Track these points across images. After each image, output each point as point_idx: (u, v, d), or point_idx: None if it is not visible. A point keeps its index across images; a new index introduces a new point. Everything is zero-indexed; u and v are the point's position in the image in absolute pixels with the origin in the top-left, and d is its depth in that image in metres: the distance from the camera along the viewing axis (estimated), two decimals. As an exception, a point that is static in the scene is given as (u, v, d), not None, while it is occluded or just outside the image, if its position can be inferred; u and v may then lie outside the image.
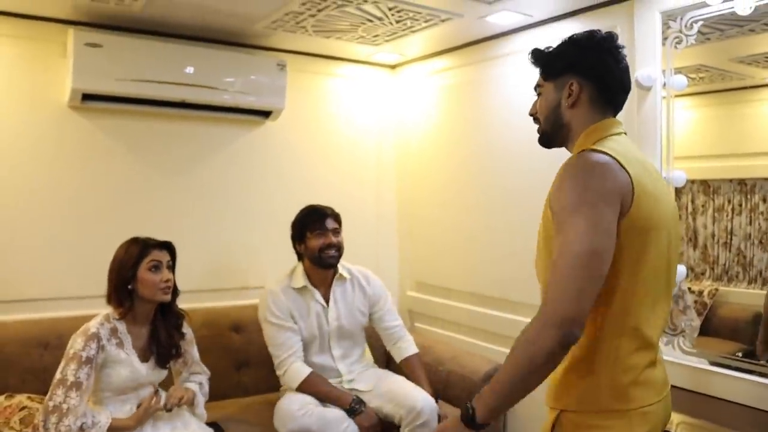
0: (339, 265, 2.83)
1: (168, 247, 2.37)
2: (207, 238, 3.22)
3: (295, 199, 3.37)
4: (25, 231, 2.82)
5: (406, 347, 2.87)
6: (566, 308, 1.27)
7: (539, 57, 1.62)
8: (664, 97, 2.37)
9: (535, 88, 1.65)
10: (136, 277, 2.25)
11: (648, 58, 2.37)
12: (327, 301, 2.81)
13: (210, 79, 3.02)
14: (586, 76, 1.51)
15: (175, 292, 2.39)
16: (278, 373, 2.69)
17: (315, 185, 3.53)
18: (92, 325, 2.20)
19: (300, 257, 2.84)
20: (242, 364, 3.06)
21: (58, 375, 2.13)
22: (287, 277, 2.82)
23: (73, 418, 2.05)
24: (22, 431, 2.27)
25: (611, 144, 1.44)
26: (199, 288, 2.97)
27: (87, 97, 2.81)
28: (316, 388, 2.63)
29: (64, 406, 2.06)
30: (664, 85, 2.36)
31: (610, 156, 1.37)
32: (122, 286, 2.25)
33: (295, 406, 2.55)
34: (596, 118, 1.52)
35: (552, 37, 2.77)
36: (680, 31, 2.31)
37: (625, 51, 1.55)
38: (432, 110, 3.57)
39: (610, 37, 1.54)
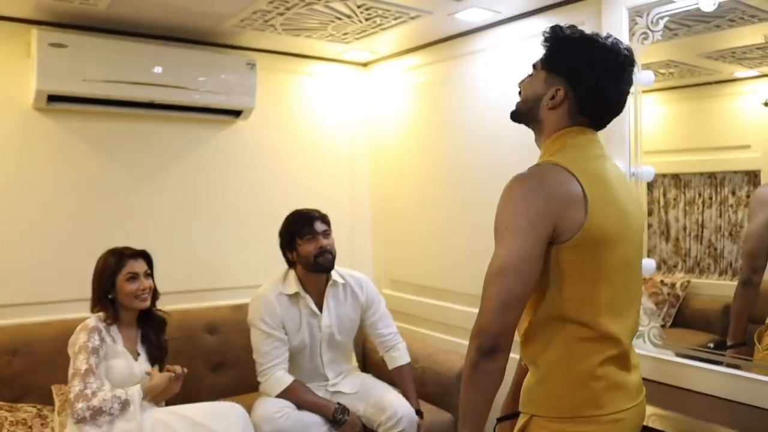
0: (333, 271, 2.75)
1: (144, 255, 2.47)
2: (179, 240, 3.19)
3: (268, 199, 3.36)
4: (-10, 235, 2.76)
5: (398, 356, 2.81)
6: (484, 321, 1.35)
7: (549, 41, 1.54)
8: (631, 93, 2.38)
9: (534, 65, 1.59)
10: (115, 287, 2.37)
11: (616, 55, 2.38)
12: (320, 308, 2.74)
13: (179, 79, 2.98)
14: (577, 90, 1.47)
15: (155, 296, 2.50)
16: (259, 379, 2.65)
17: (287, 184, 3.51)
18: (90, 321, 2.31)
19: (291, 265, 2.77)
20: (217, 366, 3.03)
21: (71, 370, 2.21)
22: (279, 282, 2.74)
23: (102, 395, 2.15)
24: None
25: (572, 153, 1.45)
26: (173, 290, 2.93)
27: (53, 98, 2.76)
28: (298, 397, 2.59)
29: (87, 391, 2.15)
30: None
31: (565, 168, 1.39)
32: (104, 295, 2.37)
33: (272, 408, 2.52)
34: (568, 124, 1.50)
35: (521, 33, 2.80)
36: (647, 27, 2.32)
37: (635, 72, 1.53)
38: (404, 108, 3.57)
39: (627, 60, 1.48)
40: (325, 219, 2.74)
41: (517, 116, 1.61)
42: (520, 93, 1.60)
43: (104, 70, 2.80)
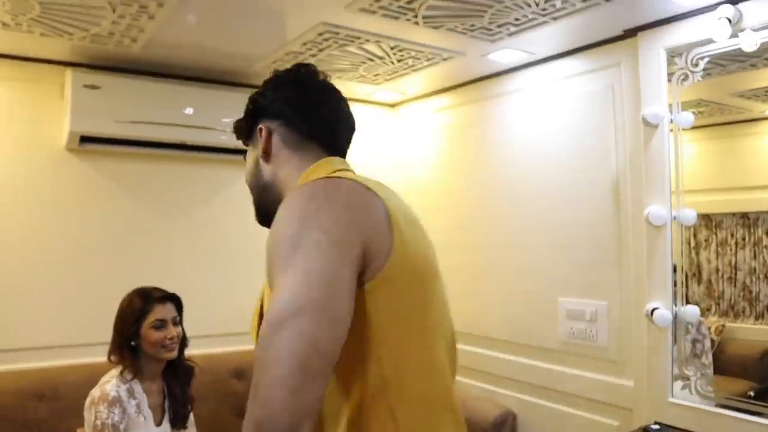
0: None
1: (174, 299, 2.25)
2: (207, 281, 3.15)
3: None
4: (19, 276, 2.74)
5: None
6: (270, 402, 0.85)
7: (236, 127, 1.38)
8: (671, 132, 2.33)
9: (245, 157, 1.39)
10: (139, 333, 2.14)
11: (653, 96, 2.34)
12: None
13: (210, 120, 2.99)
14: (272, 116, 1.28)
15: (183, 344, 2.28)
16: None
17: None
18: (110, 390, 2.06)
19: None
20: (244, 412, 2.96)
21: None
22: None
23: None
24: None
25: (348, 174, 1.18)
26: (198, 333, 2.88)
27: (85, 139, 2.77)
28: None
29: None
30: (671, 122, 2.33)
31: (355, 180, 1.10)
32: (125, 343, 2.14)
33: None
34: (307, 162, 1.24)
35: (554, 74, 2.78)
36: (686, 68, 2.28)
37: (324, 80, 1.32)
38: (434, 148, 3.54)
39: (298, 67, 1.33)
40: None
41: (259, 214, 1.36)
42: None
43: (136, 111, 2.81)
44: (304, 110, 1.28)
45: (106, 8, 2.23)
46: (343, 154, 1.32)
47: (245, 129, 1.35)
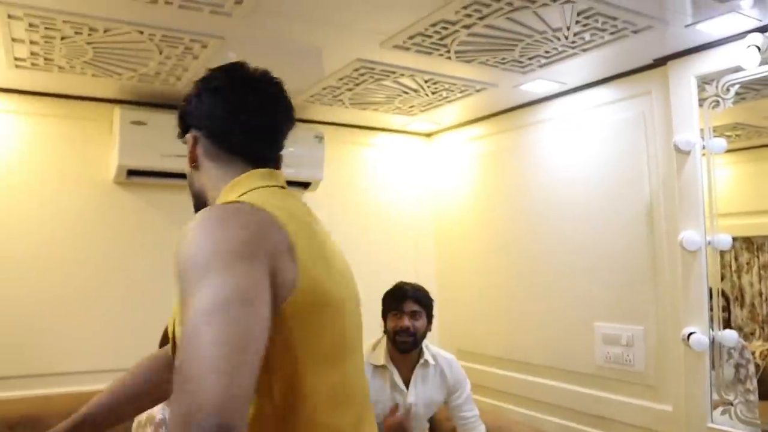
0: (425, 350, 2.69)
1: None
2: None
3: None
4: (73, 304, 2.86)
5: None
6: (203, 392, 0.76)
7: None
8: (703, 156, 2.35)
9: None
10: None
11: (685, 123, 2.37)
12: (406, 384, 2.66)
13: (250, 152, 3.07)
14: (195, 126, 1.23)
15: None
16: None
17: (353, 255, 3.48)
18: (156, 413, 2.09)
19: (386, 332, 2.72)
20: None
21: None
22: (369, 350, 2.69)
23: None
24: None
25: (259, 195, 1.12)
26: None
27: (132, 172, 2.89)
28: None
29: None
30: (704, 148, 2.35)
31: (261, 209, 1.03)
32: None
33: None
34: (228, 176, 1.19)
35: (586, 103, 2.82)
36: (717, 95, 2.31)
37: (250, 82, 1.23)
38: (468, 177, 3.59)
39: (223, 72, 1.25)
40: (420, 299, 2.65)
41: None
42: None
43: (180, 145, 2.89)
44: (224, 122, 1.21)
45: (153, 51, 2.35)
46: (269, 163, 1.23)
47: (180, 134, 1.30)
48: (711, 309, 2.30)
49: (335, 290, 1.07)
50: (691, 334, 2.28)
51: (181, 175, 2.94)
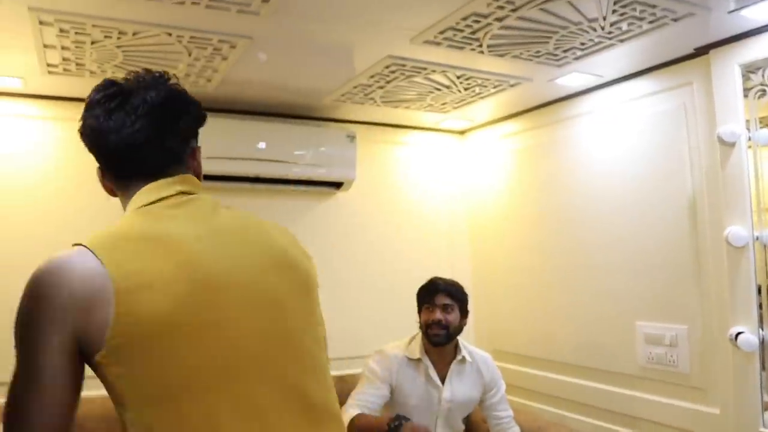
0: (462, 347, 2.68)
1: None
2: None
3: (368, 269, 3.36)
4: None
5: None
6: None
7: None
8: (749, 148, 2.26)
9: None
10: None
11: (729, 113, 2.28)
12: (442, 380, 2.66)
13: (282, 154, 3.08)
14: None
15: None
16: None
17: (388, 255, 3.51)
18: None
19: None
20: None
21: None
22: (405, 344, 2.70)
23: None
24: None
25: (128, 221, 1.12)
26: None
27: (164, 176, 2.89)
28: (359, 426, 2.44)
29: None
30: (749, 139, 2.26)
31: (90, 251, 1.01)
32: None
33: None
34: (128, 200, 1.17)
35: (624, 96, 2.74)
36: (763, 84, 2.22)
37: (117, 96, 1.17)
38: (503, 174, 3.53)
39: (95, 89, 1.20)
40: (453, 293, 2.64)
41: None
42: None
43: (212, 147, 2.88)
44: (97, 152, 1.19)
45: (182, 53, 2.35)
46: (166, 169, 1.19)
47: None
48: (760, 307, 2.21)
49: (182, 312, 1.00)
50: (739, 333, 2.20)
51: (214, 178, 3.00)
